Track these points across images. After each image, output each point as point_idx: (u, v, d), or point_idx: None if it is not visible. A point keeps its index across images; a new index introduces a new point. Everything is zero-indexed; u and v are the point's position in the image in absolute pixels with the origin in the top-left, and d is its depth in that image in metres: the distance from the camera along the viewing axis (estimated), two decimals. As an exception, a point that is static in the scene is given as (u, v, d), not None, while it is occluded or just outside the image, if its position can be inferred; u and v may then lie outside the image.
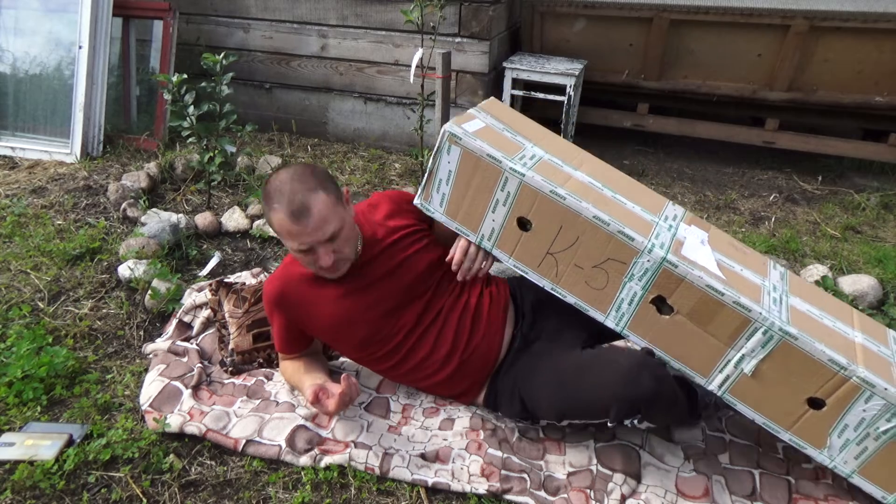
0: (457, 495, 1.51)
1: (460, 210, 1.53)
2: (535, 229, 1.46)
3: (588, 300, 1.48)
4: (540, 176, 1.42)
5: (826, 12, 3.03)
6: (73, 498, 1.48)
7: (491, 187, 1.46)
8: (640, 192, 1.61)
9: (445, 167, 1.49)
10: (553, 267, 1.48)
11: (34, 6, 3.28)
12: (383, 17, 3.34)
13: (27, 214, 2.66)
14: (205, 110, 2.69)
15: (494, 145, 1.46)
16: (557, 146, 1.64)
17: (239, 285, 2.05)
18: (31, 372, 1.77)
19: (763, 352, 1.33)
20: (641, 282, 1.39)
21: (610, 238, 1.38)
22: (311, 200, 1.43)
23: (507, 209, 1.47)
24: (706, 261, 1.41)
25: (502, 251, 1.53)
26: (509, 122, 1.63)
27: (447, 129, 1.45)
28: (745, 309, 1.31)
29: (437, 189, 1.53)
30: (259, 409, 1.70)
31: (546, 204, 1.42)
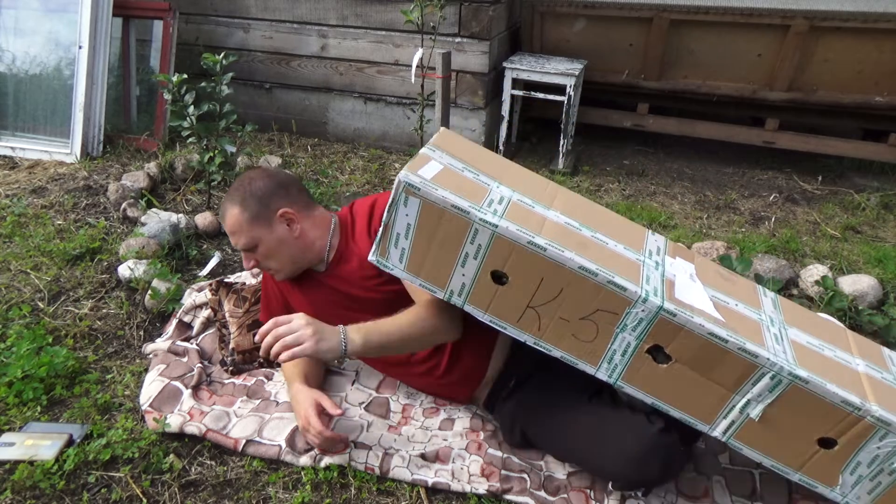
0: (457, 495, 1.51)
1: (424, 265, 1.38)
2: (513, 283, 1.33)
3: (576, 354, 1.37)
4: (514, 225, 1.29)
5: (826, 12, 3.03)
6: (73, 498, 1.48)
7: (459, 240, 1.32)
8: (618, 225, 1.52)
9: (403, 220, 1.33)
10: (535, 321, 1.36)
11: (34, 6, 3.28)
12: (383, 17, 3.34)
13: (27, 214, 2.66)
14: (205, 110, 2.69)
15: (458, 192, 1.32)
16: (523, 181, 1.51)
17: (239, 285, 2.05)
18: (31, 372, 1.77)
19: (771, 396, 1.26)
20: (635, 332, 1.29)
21: (599, 289, 1.27)
22: (227, 211, 1.60)
23: (478, 262, 1.33)
24: (702, 302, 1.33)
25: (476, 307, 1.38)
26: (468, 158, 1.48)
27: (402, 180, 1.29)
28: (750, 355, 1.24)
29: (395, 244, 1.37)
30: (259, 409, 1.70)
31: (524, 256, 1.29)
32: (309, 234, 1.63)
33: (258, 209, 1.58)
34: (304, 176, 3.12)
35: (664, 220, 2.92)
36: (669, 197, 3.24)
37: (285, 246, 1.61)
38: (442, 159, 1.43)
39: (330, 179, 3.16)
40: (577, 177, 3.42)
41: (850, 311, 2.23)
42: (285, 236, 1.60)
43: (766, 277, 2.35)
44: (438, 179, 1.34)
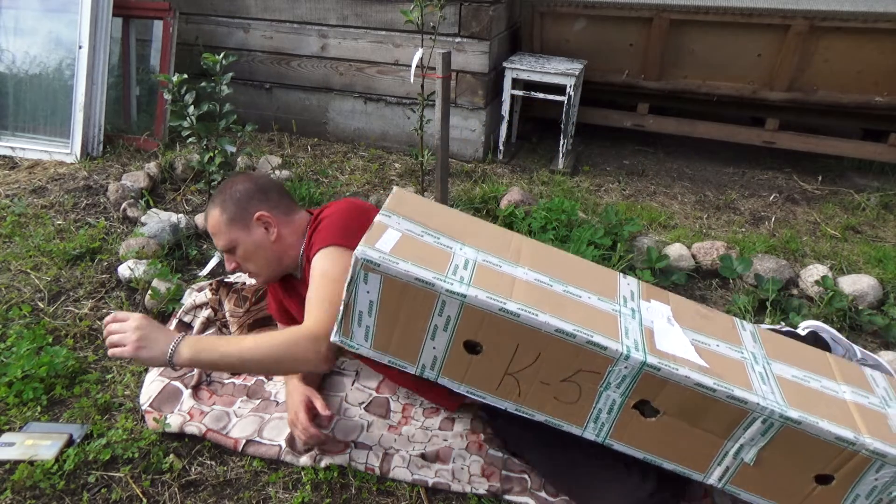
0: (457, 495, 1.51)
1: (391, 341, 1.33)
2: (488, 351, 1.29)
3: (560, 416, 1.33)
4: (483, 292, 1.24)
5: (826, 12, 3.03)
6: (73, 498, 1.48)
7: (426, 314, 1.27)
8: (589, 274, 1.47)
9: (365, 298, 1.28)
10: (514, 387, 1.32)
11: (34, 6, 3.28)
12: (383, 17, 3.34)
13: (27, 214, 2.66)
14: (205, 110, 2.69)
15: (420, 262, 1.26)
16: (485, 237, 1.46)
17: (239, 285, 2.05)
18: (31, 372, 1.77)
19: (764, 439, 1.25)
20: (620, 389, 1.26)
21: (578, 350, 1.23)
22: (208, 213, 1.65)
23: (449, 334, 1.28)
24: (683, 348, 1.30)
25: (450, 379, 1.34)
26: (426, 220, 1.42)
27: (360, 257, 1.23)
28: (740, 401, 1.22)
29: (359, 322, 1.31)
30: (259, 409, 1.70)
31: (497, 323, 1.24)
32: (286, 239, 1.64)
33: (236, 211, 1.61)
34: (304, 176, 3.12)
35: (664, 220, 2.92)
36: (669, 197, 3.24)
37: (262, 249, 1.63)
38: (399, 225, 1.36)
39: (330, 179, 3.16)
40: (577, 177, 3.42)
41: (850, 311, 2.23)
42: (262, 240, 1.62)
43: (766, 277, 2.35)
44: (398, 250, 1.28)
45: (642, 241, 2.58)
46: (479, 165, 3.45)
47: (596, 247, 2.42)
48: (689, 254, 2.52)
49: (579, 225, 2.61)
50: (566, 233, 2.55)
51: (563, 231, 2.56)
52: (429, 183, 3.00)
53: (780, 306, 2.25)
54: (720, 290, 2.43)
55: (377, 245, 1.27)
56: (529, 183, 3.26)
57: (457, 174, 3.31)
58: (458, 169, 3.38)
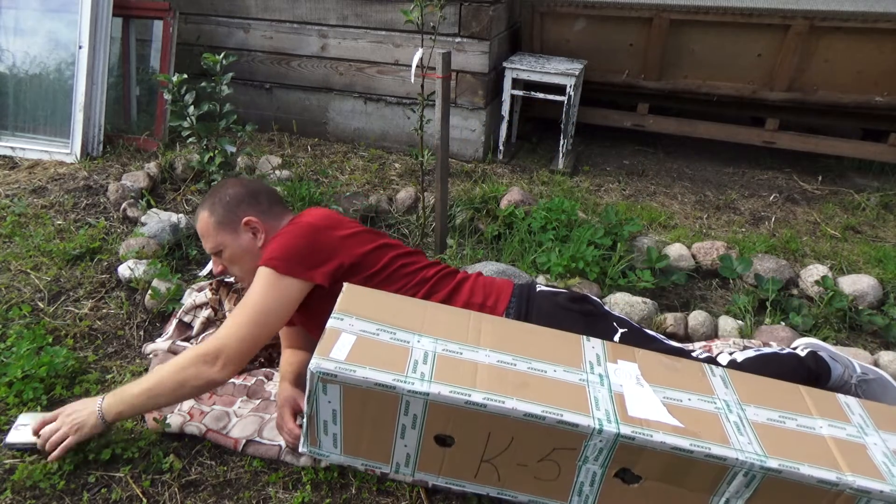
0: (457, 496, 1.51)
1: (361, 445, 1.33)
2: (460, 443, 1.29)
3: (543, 494, 1.34)
4: (446, 387, 1.24)
5: (826, 12, 3.03)
6: (73, 498, 1.48)
7: (392, 415, 1.27)
8: (552, 344, 1.46)
9: (327, 408, 1.28)
10: (493, 473, 1.32)
11: (34, 6, 3.28)
12: (383, 17, 3.34)
13: (27, 214, 2.66)
14: (205, 110, 2.69)
15: (379, 364, 1.26)
16: (442, 323, 1.45)
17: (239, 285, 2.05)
18: (31, 372, 1.77)
19: (748, 491, 1.27)
20: (598, 461, 1.27)
21: (550, 430, 1.24)
22: (199, 214, 1.66)
23: (418, 431, 1.28)
24: (656, 411, 1.30)
25: (427, 473, 1.34)
26: (379, 315, 1.41)
27: (314, 371, 1.23)
28: (718, 459, 1.24)
29: (325, 431, 1.32)
30: (259, 409, 1.70)
31: (465, 416, 1.24)
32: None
33: (224, 215, 1.63)
34: (305, 176, 3.12)
35: (664, 220, 2.92)
36: (669, 197, 3.24)
37: (248, 254, 1.63)
38: (353, 327, 1.35)
39: (330, 179, 3.16)
40: (577, 177, 3.42)
41: (850, 311, 2.23)
42: (249, 245, 1.63)
43: (766, 277, 2.35)
44: (355, 355, 1.27)
45: (642, 241, 2.58)
46: (479, 165, 3.45)
47: (596, 247, 2.42)
48: (689, 254, 2.52)
49: (579, 225, 2.61)
50: (566, 233, 2.55)
51: (563, 231, 2.56)
52: (429, 183, 3.00)
53: (780, 306, 2.25)
54: (720, 290, 2.43)
55: (332, 354, 1.26)
56: (529, 183, 3.26)
57: (457, 174, 3.31)
58: (458, 169, 3.38)
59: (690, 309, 2.26)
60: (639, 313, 2.14)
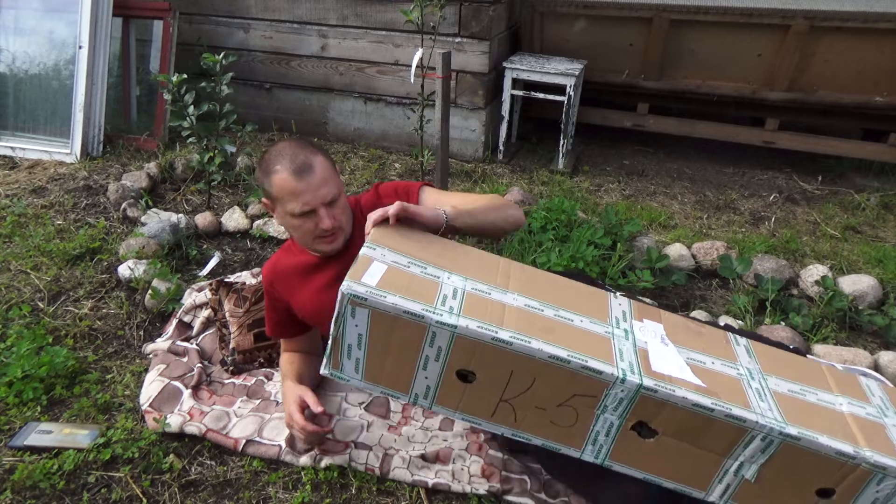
0: (457, 496, 1.51)
1: (383, 372, 1.32)
2: (481, 379, 1.28)
3: (558, 439, 1.33)
4: (474, 322, 1.23)
5: (826, 12, 3.03)
6: (73, 498, 1.48)
7: (416, 345, 1.26)
8: (580, 296, 1.45)
9: (353, 331, 1.28)
10: (510, 413, 1.32)
11: (34, 6, 3.28)
12: (383, 17, 3.34)
13: (27, 214, 2.66)
14: (205, 110, 2.69)
15: (408, 294, 1.25)
16: (472, 264, 1.43)
17: (239, 285, 2.05)
18: (31, 372, 1.77)
19: (764, 456, 1.25)
20: (617, 412, 1.26)
21: (573, 375, 1.23)
22: (313, 160, 1.49)
23: (441, 364, 1.27)
24: (679, 368, 1.29)
25: (445, 407, 1.33)
26: (411, 250, 1.40)
27: (346, 293, 1.22)
28: (738, 420, 1.22)
29: (348, 355, 1.31)
30: (259, 409, 1.70)
31: (489, 352, 1.24)
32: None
33: (332, 160, 1.56)
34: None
35: (664, 220, 2.92)
36: (669, 197, 3.24)
37: (347, 202, 1.59)
38: (385, 258, 1.34)
39: (330, 179, 3.16)
40: (577, 177, 3.42)
41: (850, 311, 2.23)
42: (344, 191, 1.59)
43: (766, 277, 2.35)
44: (385, 283, 1.27)
45: (642, 241, 2.58)
46: (479, 165, 3.45)
47: (596, 247, 2.42)
48: (689, 254, 2.52)
49: (579, 225, 2.61)
50: (566, 233, 2.55)
51: (563, 231, 2.55)
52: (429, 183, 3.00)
53: (780, 306, 2.25)
54: (720, 290, 2.43)
55: (363, 279, 1.26)
56: (529, 183, 3.26)
57: (457, 174, 3.31)
58: (458, 169, 3.38)
59: (690, 309, 2.26)
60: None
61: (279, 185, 1.47)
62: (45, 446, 1.57)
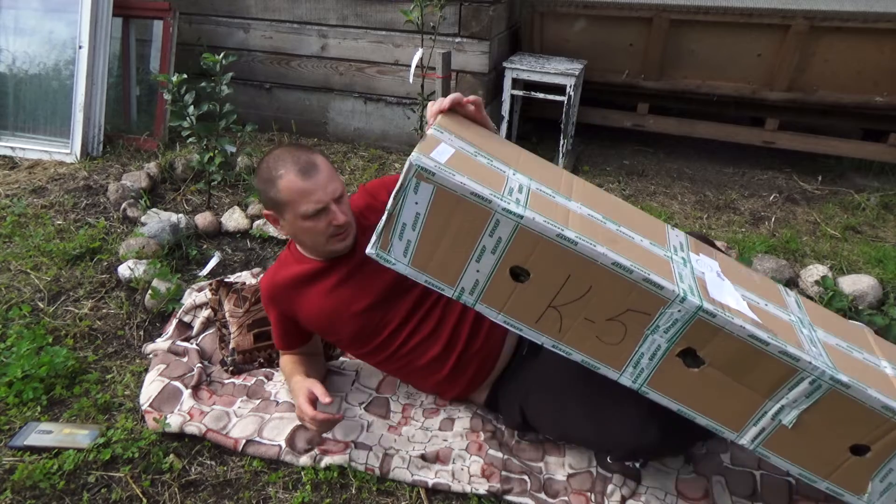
0: (457, 496, 1.51)
1: (432, 260, 1.25)
2: (534, 280, 1.21)
3: (599, 357, 1.27)
4: (540, 216, 1.17)
5: (826, 12, 3.03)
6: (73, 498, 1.48)
7: (476, 233, 1.19)
8: (639, 219, 1.41)
9: (412, 209, 1.20)
10: (556, 322, 1.25)
11: (34, 6, 3.28)
12: (383, 17, 3.34)
13: (27, 214, 2.66)
14: (205, 110, 2.69)
15: (476, 178, 1.19)
16: (535, 167, 1.40)
17: (239, 285, 2.05)
18: (31, 372, 1.77)
19: (807, 402, 1.20)
20: (668, 334, 1.20)
21: (632, 287, 1.17)
22: (315, 159, 1.50)
23: (496, 258, 1.21)
24: (736, 302, 1.24)
25: (489, 306, 1.27)
26: (477, 141, 1.35)
27: (414, 163, 1.16)
28: (791, 359, 1.17)
29: (400, 235, 1.23)
30: (259, 409, 1.70)
31: (550, 250, 1.17)
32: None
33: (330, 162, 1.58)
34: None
35: (664, 220, 2.92)
36: (669, 197, 3.24)
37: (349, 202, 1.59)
38: (452, 142, 1.28)
39: (330, 179, 3.16)
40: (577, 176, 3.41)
41: (850, 311, 2.23)
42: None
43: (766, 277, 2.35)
44: (453, 164, 1.20)
45: (642, 241, 2.57)
46: (479, 165, 3.45)
47: (596, 247, 2.42)
48: (689, 254, 2.52)
49: (579, 225, 2.60)
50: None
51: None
52: (429, 183, 3.00)
53: (780, 306, 2.25)
54: (720, 290, 2.43)
55: (432, 155, 1.19)
56: (529, 183, 3.26)
57: (457, 174, 3.30)
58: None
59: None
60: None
61: (288, 189, 1.46)
62: (45, 446, 1.57)
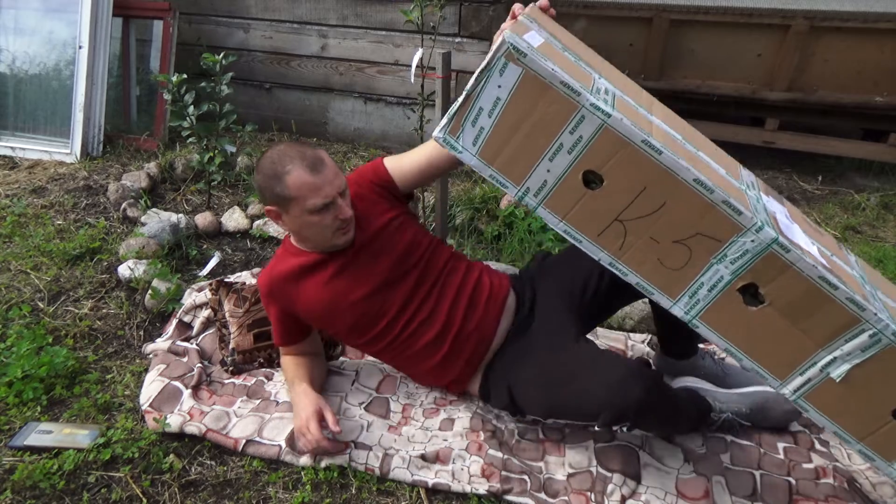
0: (457, 496, 1.51)
1: (502, 153, 1.17)
2: (607, 188, 1.14)
3: (655, 282, 1.20)
4: (627, 119, 1.09)
5: (826, 12, 3.03)
6: (73, 498, 1.48)
7: (557, 127, 1.11)
8: (713, 149, 1.33)
9: (492, 92, 1.11)
10: (619, 237, 1.17)
11: (34, 6, 3.28)
12: (383, 17, 3.34)
13: (27, 214, 2.66)
14: (205, 110, 2.69)
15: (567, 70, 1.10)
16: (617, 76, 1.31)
17: (239, 285, 2.05)
18: (31, 372, 1.77)
19: (861, 356, 1.15)
20: (734, 265, 1.14)
21: (708, 209, 1.10)
22: (320, 154, 1.51)
23: (572, 158, 1.13)
24: (807, 245, 1.17)
25: (552, 212, 1.20)
26: (563, 39, 1.27)
27: (508, 40, 1.07)
28: (857, 307, 1.11)
29: (474, 121, 1.15)
30: (259, 409, 1.70)
31: (631, 157, 1.10)
32: None
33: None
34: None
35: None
36: (669, 197, 3.24)
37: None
38: (541, 33, 1.20)
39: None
40: (577, 177, 3.42)
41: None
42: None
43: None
44: (542, 51, 1.11)
45: (642, 241, 2.57)
46: (479, 165, 3.45)
47: (596, 247, 2.42)
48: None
49: (579, 225, 2.60)
50: (566, 233, 2.55)
51: (563, 231, 2.55)
52: (429, 183, 3.00)
53: (780, 306, 2.25)
54: (720, 290, 2.43)
55: (525, 38, 1.11)
56: (529, 183, 3.26)
57: (457, 174, 3.31)
58: (459, 169, 3.38)
59: (690, 309, 2.26)
60: (639, 313, 2.14)
61: (296, 184, 1.46)
62: (45, 446, 1.57)
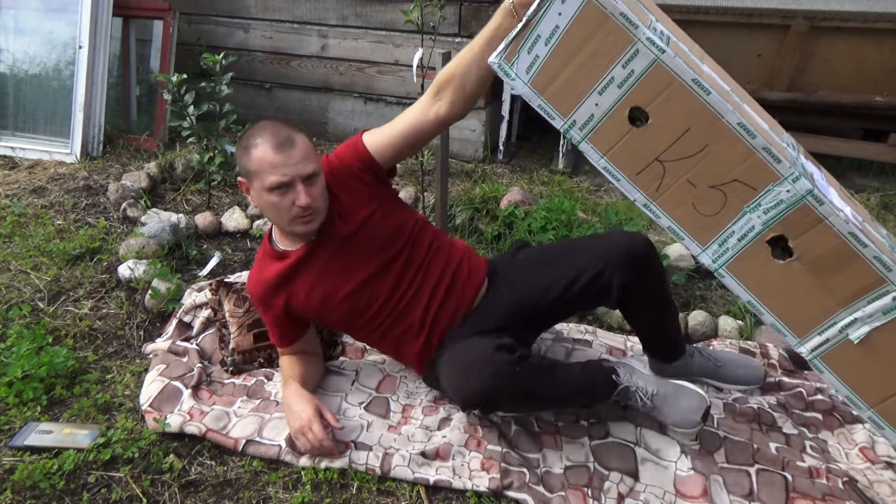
0: (457, 494, 1.51)
1: (554, 82, 1.19)
2: (651, 126, 1.17)
3: (687, 227, 1.22)
4: (680, 58, 1.11)
5: (826, 12, 3.03)
6: (73, 498, 1.48)
7: (610, 60, 1.14)
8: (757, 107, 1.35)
9: (552, 20, 1.13)
10: (657, 178, 1.21)
11: (34, 6, 3.28)
12: (383, 17, 3.34)
13: (27, 214, 2.66)
14: (205, 110, 2.70)
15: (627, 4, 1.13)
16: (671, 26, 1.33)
17: (239, 285, 2.05)
18: (31, 372, 1.77)
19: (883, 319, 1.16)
20: (767, 215, 1.16)
21: (749, 154, 1.12)
22: (295, 136, 1.48)
23: (621, 93, 1.16)
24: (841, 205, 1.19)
25: (594, 147, 1.23)
26: None
27: None
28: (885, 268, 1.12)
29: (530, 48, 1.17)
30: (259, 409, 1.71)
31: (679, 96, 1.12)
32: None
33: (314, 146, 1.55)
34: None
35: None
36: (669, 197, 3.24)
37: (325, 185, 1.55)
38: None
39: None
40: (577, 177, 3.42)
41: (850, 311, 2.23)
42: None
43: (766, 277, 2.35)
44: None
45: (642, 241, 2.58)
46: (479, 165, 3.45)
47: (596, 247, 2.42)
48: (690, 254, 2.52)
49: (579, 225, 2.61)
50: (566, 233, 2.55)
51: (564, 231, 2.56)
52: (429, 183, 3.00)
53: (780, 306, 2.25)
54: (720, 289, 2.43)
55: None
56: (529, 183, 3.26)
57: (457, 174, 3.31)
58: (458, 169, 3.38)
59: (690, 309, 2.26)
60: (638, 313, 2.14)
61: (258, 158, 1.45)
62: (45, 446, 1.57)
